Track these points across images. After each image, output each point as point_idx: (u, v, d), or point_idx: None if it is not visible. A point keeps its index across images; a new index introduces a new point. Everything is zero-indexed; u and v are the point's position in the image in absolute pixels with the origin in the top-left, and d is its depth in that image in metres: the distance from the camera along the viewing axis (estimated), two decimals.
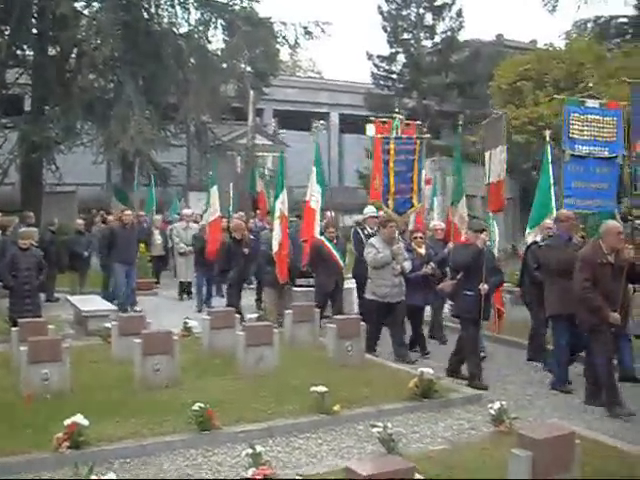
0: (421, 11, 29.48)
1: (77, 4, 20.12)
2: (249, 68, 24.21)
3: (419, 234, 9.63)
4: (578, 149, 9.00)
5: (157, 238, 16.12)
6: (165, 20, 21.42)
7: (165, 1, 21.22)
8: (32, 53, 20.12)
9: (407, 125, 11.21)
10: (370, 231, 10.21)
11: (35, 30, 19.88)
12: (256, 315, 10.78)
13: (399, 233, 9.41)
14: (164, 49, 20.00)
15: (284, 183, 11.44)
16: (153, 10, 21.07)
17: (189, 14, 21.51)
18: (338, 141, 35.09)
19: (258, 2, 22.36)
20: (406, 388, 6.68)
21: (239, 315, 9.35)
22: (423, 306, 9.47)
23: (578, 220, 8.82)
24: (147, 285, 14.93)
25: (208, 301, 13.20)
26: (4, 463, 5.04)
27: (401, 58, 30.34)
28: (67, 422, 5.19)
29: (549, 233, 8.46)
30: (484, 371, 7.80)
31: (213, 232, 13.06)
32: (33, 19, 19.78)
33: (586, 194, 9.05)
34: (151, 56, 20.02)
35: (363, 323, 8.33)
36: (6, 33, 19.30)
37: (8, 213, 15.56)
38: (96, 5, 20.44)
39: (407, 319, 9.15)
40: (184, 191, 25.30)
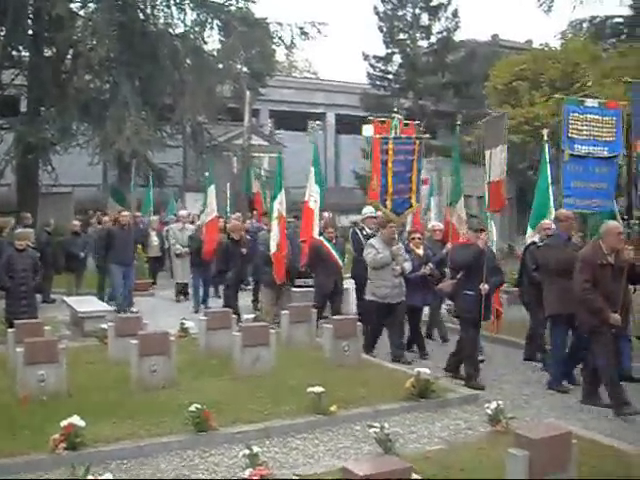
0: (417, 11, 29.46)
1: (73, 5, 20.13)
2: (245, 68, 24.23)
3: (417, 235, 9.56)
4: (577, 149, 8.97)
5: (154, 239, 16.11)
6: (161, 21, 21.45)
7: (161, 2, 21.24)
8: (28, 54, 20.08)
9: (406, 125, 11.21)
10: (369, 232, 10.15)
11: (31, 31, 19.85)
12: (253, 316, 10.77)
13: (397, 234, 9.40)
14: (160, 50, 20.01)
15: (282, 184, 11.44)
16: (149, 11, 21.09)
17: (185, 15, 21.59)
18: (334, 141, 35.08)
19: (254, 2, 22.45)
20: (403, 388, 6.69)
21: (237, 316, 9.34)
22: (422, 307, 9.46)
23: (577, 220, 8.81)
24: (144, 286, 14.92)
25: (205, 302, 13.20)
26: (1, 464, 5.03)
27: (397, 58, 30.31)
28: (64, 423, 5.19)
29: (547, 233, 8.46)
30: (481, 371, 7.81)
31: (210, 232, 13.05)
32: (29, 20, 19.75)
33: (585, 194, 9.02)
34: (147, 57, 20.03)
35: (359, 323, 8.33)
36: (1, 34, 19.27)
37: (4, 214, 15.56)
38: (92, 6, 20.46)
39: (405, 319, 9.13)
40: (180, 192, 25.27)
